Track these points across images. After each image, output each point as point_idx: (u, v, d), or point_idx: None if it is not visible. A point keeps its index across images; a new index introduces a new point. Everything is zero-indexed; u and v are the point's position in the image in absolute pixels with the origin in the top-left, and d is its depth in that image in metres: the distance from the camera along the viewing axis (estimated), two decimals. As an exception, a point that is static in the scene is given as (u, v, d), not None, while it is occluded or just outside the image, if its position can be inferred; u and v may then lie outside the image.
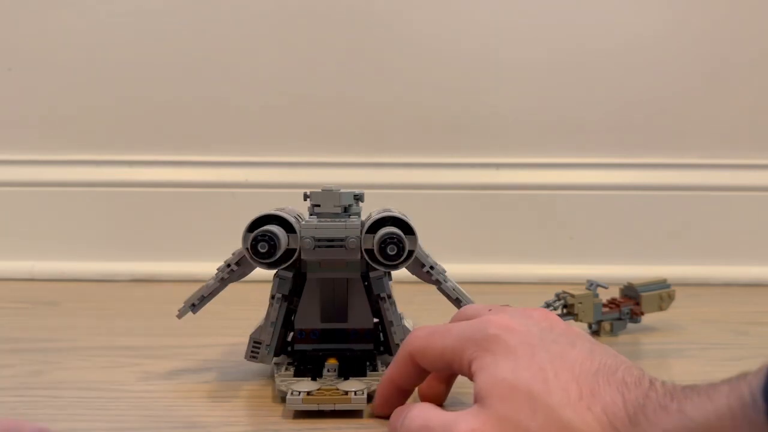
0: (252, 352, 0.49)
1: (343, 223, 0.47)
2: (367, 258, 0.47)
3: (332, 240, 0.46)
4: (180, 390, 0.48)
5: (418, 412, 0.34)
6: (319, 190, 0.48)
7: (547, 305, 0.61)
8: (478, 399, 0.32)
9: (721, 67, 0.92)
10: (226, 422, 0.42)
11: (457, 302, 0.50)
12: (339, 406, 0.42)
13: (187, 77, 0.92)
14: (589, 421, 0.29)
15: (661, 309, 0.65)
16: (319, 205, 0.48)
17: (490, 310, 0.38)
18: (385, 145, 0.92)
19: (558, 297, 0.62)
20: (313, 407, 0.42)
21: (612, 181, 0.92)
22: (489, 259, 0.91)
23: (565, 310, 0.62)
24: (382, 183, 0.90)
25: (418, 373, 0.38)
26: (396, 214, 0.47)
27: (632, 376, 0.30)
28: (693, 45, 0.91)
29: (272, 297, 0.49)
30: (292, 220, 0.46)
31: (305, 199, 0.50)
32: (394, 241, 0.45)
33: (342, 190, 0.48)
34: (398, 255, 0.46)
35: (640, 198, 0.92)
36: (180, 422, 0.42)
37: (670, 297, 0.65)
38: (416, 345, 0.37)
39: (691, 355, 0.58)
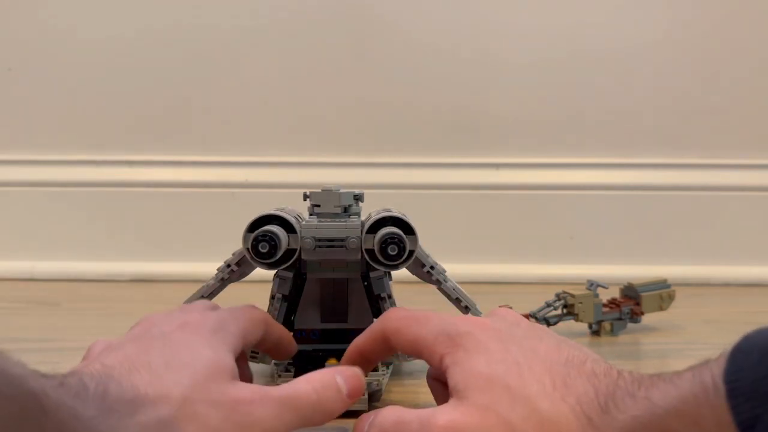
0: (252, 352, 0.49)
1: (344, 223, 0.46)
2: (367, 258, 0.46)
3: (333, 240, 0.46)
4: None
5: (390, 411, 0.34)
6: (319, 191, 0.48)
7: (547, 305, 0.61)
8: (454, 393, 0.32)
9: (722, 68, 0.92)
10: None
11: (458, 302, 0.50)
12: None
13: (187, 77, 0.92)
14: (565, 412, 0.29)
15: (661, 309, 0.65)
16: (319, 205, 0.48)
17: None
18: (385, 145, 0.92)
19: (558, 297, 0.62)
20: None
21: (612, 181, 0.92)
22: (489, 259, 0.91)
23: (565, 310, 0.62)
24: (382, 183, 0.90)
25: (387, 350, 0.39)
26: (396, 214, 0.47)
27: (600, 367, 0.31)
28: (693, 45, 0.91)
29: (272, 297, 0.49)
30: (292, 220, 0.46)
31: (305, 199, 0.49)
32: (395, 241, 0.45)
33: (342, 190, 0.48)
34: (399, 255, 0.45)
35: (640, 198, 0.92)
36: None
37: (671, 297, 0.65)
38: (392, 326, 0.38)
39: (691, 355, 0.58)
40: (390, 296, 0.49)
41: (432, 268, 0.49)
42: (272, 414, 0.31)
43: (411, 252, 0.46)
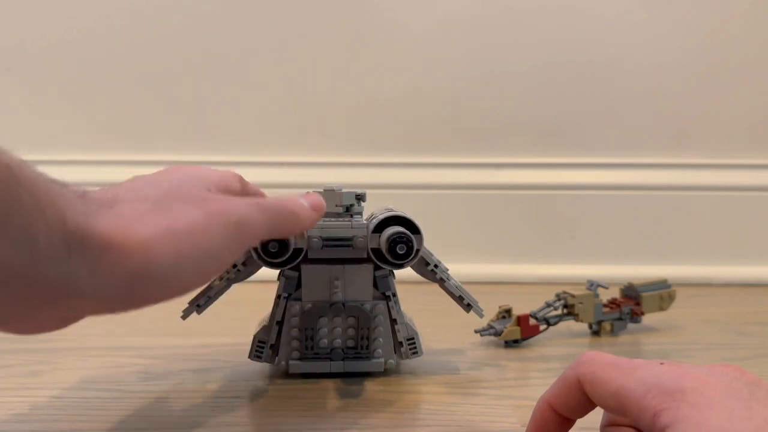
0: (256, 351, 0.49)
1: (349, 223, 0.47)
2: (373, 257, 0.47)
3: (339, 239, 0.47)
4: (180, 390, 0.48)
5: None
6: (321, 190, 0.48)
7: (547, 305, 0.61)
8: None
9: (722, 67, 0.92)
10: (227, 422, 0.42)
11: (460, 300, 0.50)
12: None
13: (188, 77, 0.92)
14: None
15: (661, 309, 0.65)
16: None
17: (662, 363, 0.33)
18: (385, 145, 0.92)
19: (558, 297, 0.62)
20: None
21: (612, 181, 0.92)
22: (489, 259, 0.91)
23: (565, 310, 0.62)
24: (382, 183, 0.90)
25: (582, 402, 0.32)
26: (399, 213, 0.48)
27: None
28: (693, 45, 0.91)
29: (278, 297, 0.49)
30: None
31: None
32: (403, 240, 0.46)
33: (343, 190, 0.48)
34: (407, 254, 0.46)
35: (640, 198, 0.92)
36: (180, 422, 0.42)
37: (671, 297, 0.65)
38: (589, 371, 0.32)
39: (692, 355, 0.58)
40: (395, 294, 0.49)
41: (436, 266, 0.49)
42: (249, 209, 0.33)
43: (417, 251, 0.47)
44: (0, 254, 0.23)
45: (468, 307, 0.50)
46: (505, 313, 0.60)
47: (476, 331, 0.58)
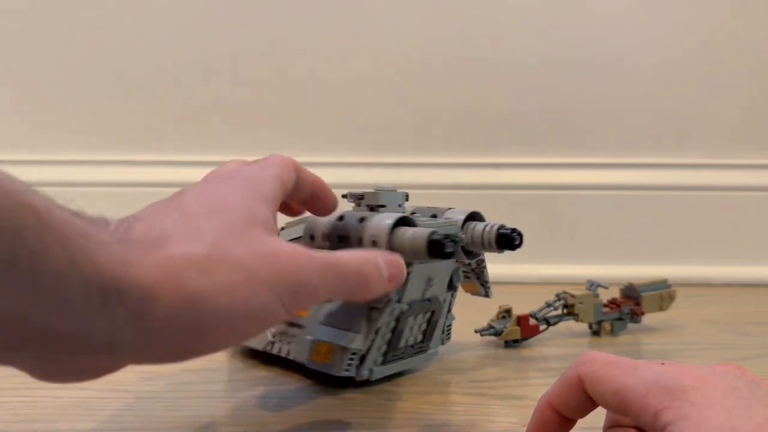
0: (347, 364, 0.45)
1: (444, 221, 0.46)
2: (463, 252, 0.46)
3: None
4: (180, 390, 0.48)
5: None
6: (372, 190, 0.46)
7: (547, 305, 0.61)
8: None
9: (722, 67, 0.92)
10: (227, 422, 0.42)
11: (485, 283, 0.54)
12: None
13: (188, 77, 0.92)
14: None
15: (661, 309, 0.65)
16: (384, 206, 0.46)
17: (662, 363, 0.33)
18: (385, 145, 0.92)
19: (558, 297, 0.62)
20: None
21: (612, 181, 0.92)
22: (489, 259, 0.91)
23: (565, 310, 0.62)
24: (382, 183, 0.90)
25: (583, 402, 0.32)
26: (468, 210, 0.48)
27: None
28: (693, 45, 0.91)
29: (384, 302, 0.44)
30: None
31: (348, 199, 0.48)
32: (516, 232, 0.48)
33: (398, 190, 0.47)
34: (520, 243, 0.48)
35: (640, 198, 0.92)
36: (180, 423, 0.42)
37: (671, 297, 0.65)
38: (590, 370, 0.31)
39: (692, 356, 0.58)
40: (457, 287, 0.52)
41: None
42: (314, 268, 0.29)
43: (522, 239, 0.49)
44: (30, 312, 0.22)
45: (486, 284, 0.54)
46: (505, 313, 0.60)
47: (476, 331, 0.58)
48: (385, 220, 0.41)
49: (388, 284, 0.33)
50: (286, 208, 0.41)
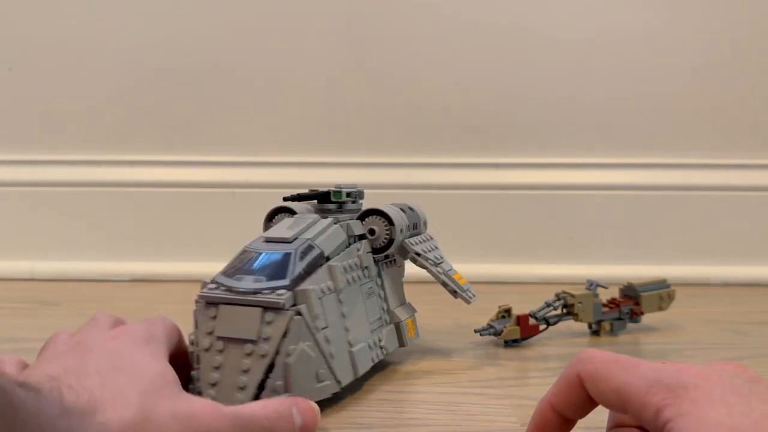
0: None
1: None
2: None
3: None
4: (180, 390, 0.48)
5: None
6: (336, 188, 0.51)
7: (547, 305, 0.61)
8: None
9: (722, 68, 0.92)
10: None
11: (444, 285, 0.54)
12: None
13: (188, 77, 0.92)
14: None
15: (661, 309, 0.65)
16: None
17: (663, 362, 0.33)
18: (385, 145, 0.92)
19: (558, 297, 0.62)
20: None
21: (612, 181, 0.92)
22: (489, 259, 0.91)
23: (565, 310, 0.62)
24: (382, 183, 0.90)
25: (583, 400, 0.32)
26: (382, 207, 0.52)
27: None
28: (693, 45, 0.91)
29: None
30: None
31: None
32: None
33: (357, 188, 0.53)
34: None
35: (640, 198, 0.92)
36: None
37: (670, 297, 0.65)
38: (590, 367, 0.31)
39: (691, 355, 0.58)
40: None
41: (417, 254, 0.53)
42: (227, 427, 0.33)
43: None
44: None
45: (454, 293, 0.53)
46: (505, 313, 0.60)
47: (476, 331, 0.58)
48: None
49: None
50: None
